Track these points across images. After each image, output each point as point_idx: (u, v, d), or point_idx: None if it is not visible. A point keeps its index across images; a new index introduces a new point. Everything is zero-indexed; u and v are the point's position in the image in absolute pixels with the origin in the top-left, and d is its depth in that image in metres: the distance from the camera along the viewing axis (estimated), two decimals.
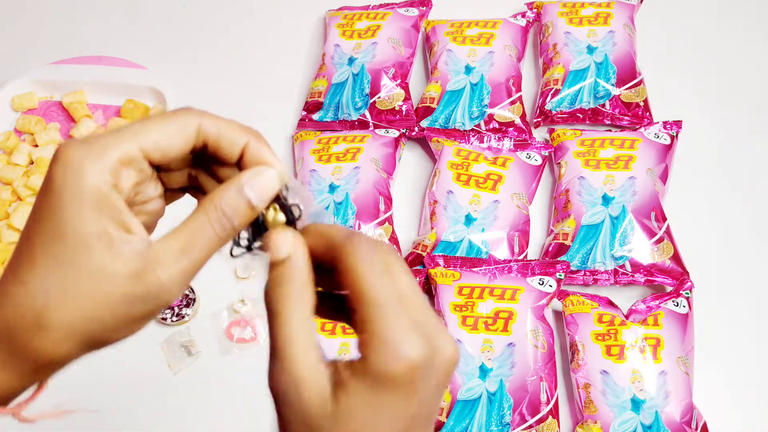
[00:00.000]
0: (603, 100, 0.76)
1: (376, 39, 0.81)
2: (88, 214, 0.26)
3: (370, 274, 0.27)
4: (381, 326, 0.27)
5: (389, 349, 0.26)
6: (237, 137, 0.31)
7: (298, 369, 0.27)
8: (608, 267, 0.66)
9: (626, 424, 0.58)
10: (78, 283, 0.27)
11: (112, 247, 0.27)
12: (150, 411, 0.66)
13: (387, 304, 0.27)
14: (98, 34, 0.92)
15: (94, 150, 0.27)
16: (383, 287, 0.27)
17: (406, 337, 0.27)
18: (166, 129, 0.29)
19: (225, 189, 0.29)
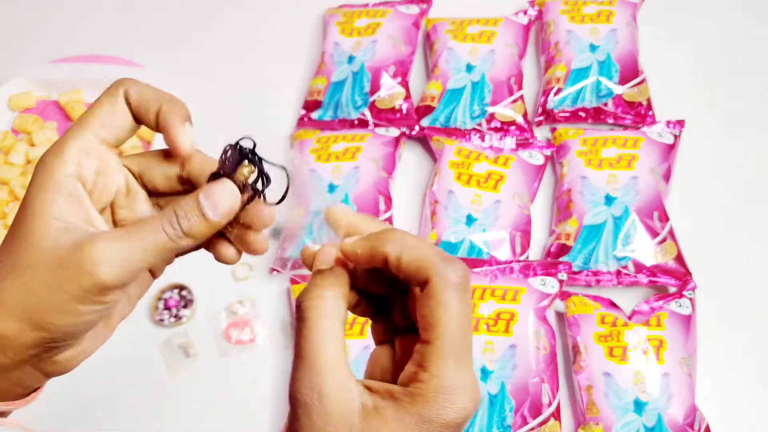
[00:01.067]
0: (605, 99, 0.76)
1: (375, 37, 0.81)
2: (50, 198, 0.29)
3: (458, 314, 0.27)
4: (446, 371, 0.27)
5: (449, 398, 0.26)
6: (152, 104, 0.32)
7: (322, 379, 0.27)
8: (611, 267, 0.65)
9: (629, 426, 0.57)
10: (25, 255, 0.29)
11: (66, 226, 0.29)
12: (148, 412, 0.65)
13: (459, 349, 0.27)
14: (96, 33, 0.91)
15: (56, 148, 0.30)
16: (462, 330, 0.27)
17: (466, 387, 0.27)
18: (104, 107, 0.31)
19: (187, 196, 0.31)
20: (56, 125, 0.82)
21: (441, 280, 0.27)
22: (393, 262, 0.28)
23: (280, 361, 0.66)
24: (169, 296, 0.69)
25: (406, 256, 0.28)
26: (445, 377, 0.27)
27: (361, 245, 0.29)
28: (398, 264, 0.28)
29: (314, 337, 0.28)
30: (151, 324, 0.69)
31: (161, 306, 0.69)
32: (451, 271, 0.27)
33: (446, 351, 0.27)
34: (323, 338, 0.28)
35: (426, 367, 0.27)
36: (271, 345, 0.67)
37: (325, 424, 0.27)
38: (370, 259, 0.29)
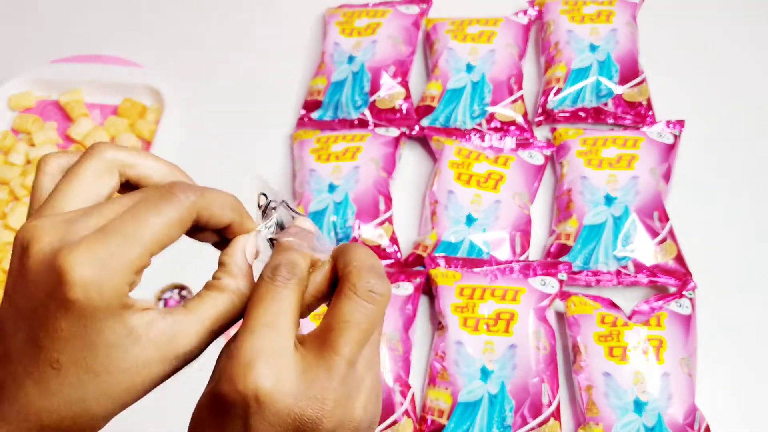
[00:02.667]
0: (605, 99, 0.76)
1: (375, 37, 0.81)
2: (115, 323, 0.26)
3: None
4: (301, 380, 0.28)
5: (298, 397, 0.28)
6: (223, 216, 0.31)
7: None
8: (611, 267, 0.65)
9: (629, 426, 0.57)
10: (114, 383, 0.28)
11: (139, 339, 0.27)
12: (147, 412, 0.65)
13: None
14: (96, 33, 0.91)
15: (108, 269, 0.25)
16: None
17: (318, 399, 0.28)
18: (170, 225, 0.28)
19: None
20: (56, 125, 0.82)
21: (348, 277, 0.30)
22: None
23: None
24: (169, 296, 0.69)
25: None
26: None
27: None
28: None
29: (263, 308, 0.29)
30: None
31: (161, 306, 0.69)
32: None
33: None
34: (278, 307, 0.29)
35: None
36: None
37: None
38: None
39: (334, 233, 0.69)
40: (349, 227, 0.69)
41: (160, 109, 0.82)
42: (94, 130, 0.80)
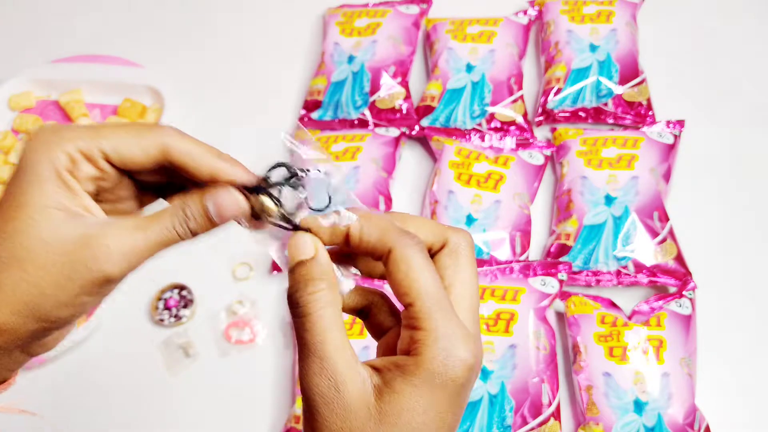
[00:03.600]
0: (605, 99, 0.76)
1: (375, 37, 0.81)
2: (48, 188, 0.28)
3: (430, 271, 0.28)
4: (439, 324, 0.27)
5: (449, 349, 0.27)
6: (205, 163, 0.31)
7: (336, 368, 0.27)
8: (611, 268, 0.65)
9: (629, 426, 0.57)
10: (28, 249, 0.28)
11: (69, 216, 0.28)
12: (148, 412, 0.65)
13: (443, 302, 0.28)
14: (95, 33, 0.91)
15: (57, 135, 0.29)
16: (438, 285, 0.28)
17: (465, 337, 0.27)
18: (128, 139, 0.30)
19: (191, 193, 0.30)
20: None
21: (403, 245, 0.28)
22: (355, 236, 0.29)
23: (280, 361, 0.66)
24: (169, 296, 0.69)
25: (366, 229, 0.29)
26: (438, 328, 0.27)
27: (323, 224, 0.30)
28: (360, 238, 0.29)
29: (319, 329, 0.27)
30: (151, 324, 0.69)
31: (161, 306, 0.69)
32: (408, 236, 0.29)
33: (431, 305, 0.27)
34: (328, 328, 0.27)
35: (418, 326, 0.27)
36: (271, 345, 0.67)
37: (346, 413, 0.27)
38: (333, 237, 0.30)
39: None
40: None
41: (160, 109, 0.81)
42: None
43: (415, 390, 0.27)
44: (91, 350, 0.68)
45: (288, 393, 0.64)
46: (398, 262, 0.28)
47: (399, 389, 0.27)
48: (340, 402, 0.27)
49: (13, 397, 0.37)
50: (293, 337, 0.67)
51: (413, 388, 0.27)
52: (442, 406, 0.27)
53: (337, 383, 0.27)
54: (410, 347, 0.27)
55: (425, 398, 0.27)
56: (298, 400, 0.61)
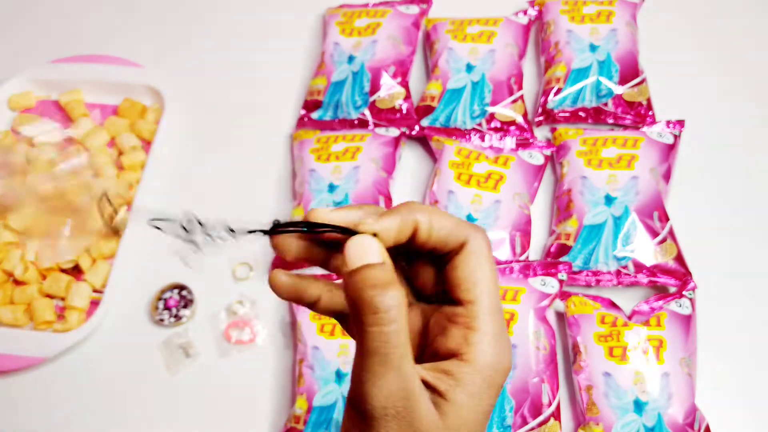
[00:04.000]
0: (605, 99, 0.76)
1: (375, 37, 0.81)
2: None
3: (494, 273, 0.27)
4: (495, 328, 0.27)
5: (500, 356, 0.27)
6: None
7: (413, 385, 0.26)
8: (611, 267, 0.65)
9: (629, 426, 0.57)
10: None
11: None
12: (148, 412, 0.65)
13: (498, 305, 0.27)
14: (95, 33, 0.91)
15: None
16: (497, 287, 0.28)
17: (509, 343, 0.27)
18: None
19: None
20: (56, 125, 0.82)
21: (478, 240, 0.27)
22: (424, 231, 0.28)
23: (281, 361, 0.66)
24: (169, 296, 0.69)
25: (437, 223, 0.28)
26: (495, 332, 0.27)
27: (392, 221, 0.28)
28: (429, 233, 0.28)
29: (400, 342, 0.25)
30: (151, 324, 0.69)
31: (161, 306, 0.69)
32: (483, 234, 0.28)
33: (491, 307, 0.27)
34: (406, 342, 0.26)
35: (476, 327, 0.26)
36: (272, 345, 0.67)
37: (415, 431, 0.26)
38: (400, 234, 0.28)
39: None
40: None
41: (160, 109, 0.81)
42: (94, 130, 0.80)
43: (474, 399, 0.26)
44: (91, 350, 0.68)
45: (288, 393, 0.65)
46: (470, 257, 0.27)
47: (460, 401, 0.26)
48: (412, 422, 0.26)
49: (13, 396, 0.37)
50: (293, 338, 0.67)
51: (474, 397, 0.26)
52: (492, 404, 0.27)
53: (412, 403, 0.26)
54: (461, 349, 0.27)
55: (483, 404, 0.27)
56: (298, 401, 0.61)
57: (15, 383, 0.67)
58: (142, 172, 0.76)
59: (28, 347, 0.66)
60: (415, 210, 0.28)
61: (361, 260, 0.26)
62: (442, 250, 0.28)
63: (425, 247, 0.28)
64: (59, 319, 0.70)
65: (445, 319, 0.28)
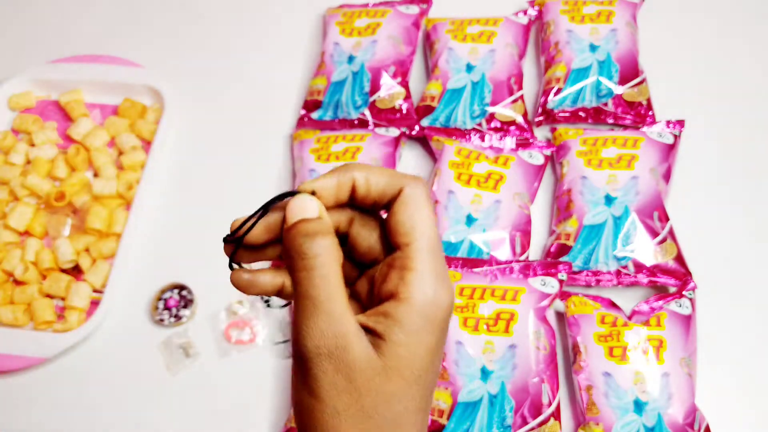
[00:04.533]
0: (605, 99, 0.76)
1: (375, 37, 0.81)
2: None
3: (432, 217, 0.28)
4: (429, 265, 0.27)
5: (437, 290, 0.27)
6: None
7: (345, 325, 0.26)
8: (611, 267, 0.65)
9: (629, 426, 0.57)
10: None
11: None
12: (148, 412, 0.65)
13: (437, 246, 0.28)
14: (95, 33, 0.91)
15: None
16: (436, 231, 0.28)
17: (447, 278, 0.28)
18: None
19: None
20: (56, 125, 0.82)
21: (414, 187, 0.29)
22: (362, 187, 0.29)
23: (281, 361, 0.66)
24: (169, 296, 0.69)
25: (373, 177, 0.29)
26: (428, 270, 0.27)
27: (329, 180, 0.29)
28: (367, 187, 0.29)
29: (328, 284, 0.27)
30: (151, 324, 0.69)
31: (161, 306, 0.69)
32: (419, 180, 0.29)
33: (429, 247, 0.28)
34: (337, 284, 0.27)
35: (412, 267, 0.27)
36: (271, 345, 0.67)
37: (353, 372, 0.26)
38: (339, 191, 0.29)
39: None
40: None
41: (160, 109, 0.81)
42: (94, 130, 0.80)
43: (413, 336, 0.26)
44: (91, 350, 0.68)
45: (288, 393, 0.64)
46: (406, 202, 0.28)
47: (398, 340, 0.26)
48: (347, 361, 0.26)
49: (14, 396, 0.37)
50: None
51: (411, 335, 0.26)
52: (435, 344, 0.27)
53: (345, 342, 0.26)
54: (398, 289, 0.27)
55: (423, 342, 0.27)
56: None
57: (15, 383, 0.67)
58: (142, 172, 0.76)
59: (28, 347, 0.66)
60: (352, 168, 0.30)
61: (297, 216, 0.28)
62: (382, 202, 0.29)
63: (367, 203, 0.30)
64: (59, 319, 0.70)
65: (387, 266, 0.29)
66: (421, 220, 0.28)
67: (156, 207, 0.76)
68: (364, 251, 0.30)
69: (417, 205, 0.28)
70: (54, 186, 0.77)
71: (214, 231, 0.76)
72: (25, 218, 0.74)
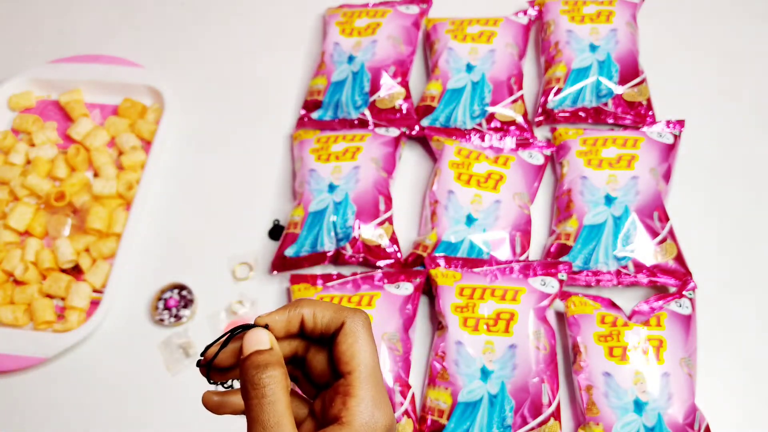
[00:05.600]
0: (605, 99, 0.76)
1: (375, 37, 0.81)
2: None
3: (372, 347, 0.32)
4: (369, 393, 0.31)
5: (374, 415, 0.30)
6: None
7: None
8: (611, 267, 0.65)
9: (629, 426, 0.57)
10: None
11: None
12: (148, 412, 0.65)
13: (377, 375, 0.32)
14: (95, 33, 0.91)
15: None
16: (376, 360, 0.32)
17: (387, 407, 0.31)
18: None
19: None
20: (56, 125, 0.82)
21: (354, 321, 0.32)
22: (309, 321, 0.33)
23: None
24: (169, 296, 0.69)
25: (319, 312, 0.33)
26: (371, 397, 0.31)
27: (281, 315, 0.33)
28: (314, 321, 0.33)
29: (277, 411, 0.30)
30: (151, 324, 0.69)
31: (161, 306, 0.69)
32: (359, 313, 0.33)
33: (368, 375, 0.31)
34: (284, 412, 0.30)
35: (353, 393, 0.31)
36: None
37: None
38: (289, 325, 0.33)
39: (334, 233, 0.69)
40: (349, 227, 0.69)
41: (160, 109, 0.81)
42: (94, 129, 0.80)
43: None
44: (91, 350, 0.68)
45: None
46: (347, 334, 0.32)
47: None
48: None
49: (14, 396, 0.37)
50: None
51: None
52: None
53: None
54: (340, 413, 0.31)
55: None
56: None
57: (15, 383, 0.67)
58: (142, 172, 0.76)
59: (28, 347, 0.66)
60: (301, 305, 0.33)
61: (252, 347, 0.31)
62: (328, 333, 0.33)
63: (315, 334, 0.33)
64: (59, 319, 0.70)
65: (333, 392, 0.32)
66: (360, 350, 0.32)
67: (156, 207, 0.76)
68: (319, 374, 0.34)
69: (356, 336, 0.32)
70: (54, 186, 0.77)
71: (214, 231, 0.77)
72: (25, 218, 0.74)
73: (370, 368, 0.32)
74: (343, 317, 0.33)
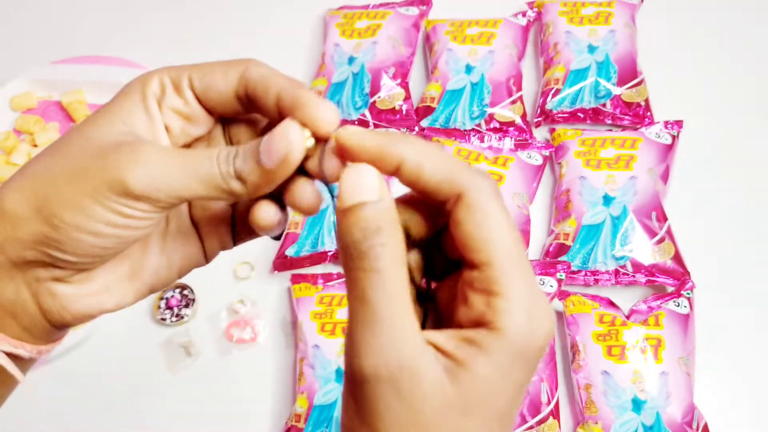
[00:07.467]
0: (604, 100, 0.76)
1: (376, 38, 0.81)
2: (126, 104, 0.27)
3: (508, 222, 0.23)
4: (522, 290, 0.22)
5: (535, 320, 0.22)
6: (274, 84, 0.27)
7: (408, 344, 0.21)
8: (609, 267, 0.66)
9: (627, 425, 0.57)
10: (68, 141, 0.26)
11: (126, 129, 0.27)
12: (148, 412, 0.65)
13: (521, 260, 0.23)
14: (97, 34, 0.92)
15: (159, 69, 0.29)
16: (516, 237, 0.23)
17: (543, 299, 0.23)
18: (215, 68, 0.30)
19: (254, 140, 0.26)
20: (58, 126, 0.83)
21: (479, 189, 0.23)
22: (412, 170, 0.23)
23: (282, 360, 0.66)
24: (170, 295, 0.69)
25: (430, 164, 0.23)
26: (521, 295, 0.22)
27: (370, 138, 0.23)
28: (418, 173, 0.23)
29: (390, 292, 0.21)
30: (153, 323, 0.69)
31: (163, 305, 0.69)
32: (485, 179, 0.23)
33: (512, 264, 0.22)
34: (401, 292, 0.22)
35: (496, 292, 0.22)
36: (273, 344, 0.67)
37: (419, 403, 0.21)
38: (378, 159, 0.23)
39: (334, 233, 0.69)
40: None
41: None
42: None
43: (501, 370, 0.22)
44: (92, 349, 0.68)
45: (289, 392, 0.65)
46: (472, 211, 0.22)
47: (484, 373, 0.22)
48: (414, 389, 0.21)
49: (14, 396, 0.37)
50: (294, 337, 0.67)
51: (499, 368, 0.22)
52: (524, 381, 0.23)
53: (413, 365, 0.21)
54: (486, 317, 0.22)
55: (513, 379, 0.22)
56: (299, 399, 0.61)
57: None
58: None
59: None
60: (402, 144, 0.23)
61: (354, 197, 0.22)
62: (434, 198, 0.24)
63: (416, 190, 0.24)
64: None
65: (464, 285, 0.23)
66: (496, 230, 0.22)
67: None
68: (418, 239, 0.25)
69: (486, 212, 0.22)
70: None
71: None
72: None
73: (515, 256, 0.23)
74: (462, 183, 0.23)
